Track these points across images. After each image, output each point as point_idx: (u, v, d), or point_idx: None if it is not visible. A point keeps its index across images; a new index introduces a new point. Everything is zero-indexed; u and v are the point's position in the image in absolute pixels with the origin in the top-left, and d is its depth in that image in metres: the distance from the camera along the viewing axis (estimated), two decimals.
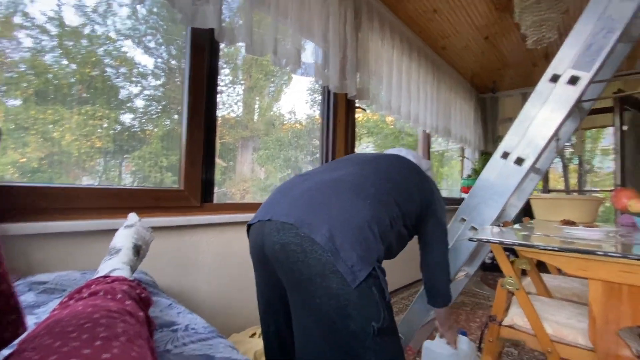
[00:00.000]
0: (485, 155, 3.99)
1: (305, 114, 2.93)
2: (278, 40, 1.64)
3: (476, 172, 3.84)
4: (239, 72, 2.41)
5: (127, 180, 1.53)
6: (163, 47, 1.61)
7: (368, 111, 3.24)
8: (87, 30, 1.32)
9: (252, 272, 0.89)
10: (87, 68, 1.33)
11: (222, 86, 2.22)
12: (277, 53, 1.61)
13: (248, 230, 0.88)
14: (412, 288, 2.92)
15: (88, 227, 1.05)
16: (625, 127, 3.23)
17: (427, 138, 3.56)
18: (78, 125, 1.30)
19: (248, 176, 2.46)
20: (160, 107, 1.62)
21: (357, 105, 2.46)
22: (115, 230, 0.88)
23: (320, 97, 2.38)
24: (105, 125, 1.39)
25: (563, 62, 0.98)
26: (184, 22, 1.26)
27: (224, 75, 2.28)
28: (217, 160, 2.18)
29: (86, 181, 1.34)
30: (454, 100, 3.62)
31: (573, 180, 8.96)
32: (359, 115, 2.74)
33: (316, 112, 2.58)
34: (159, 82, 1.61)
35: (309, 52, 2.06)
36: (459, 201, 2.91)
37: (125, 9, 1.42)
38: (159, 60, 1.60)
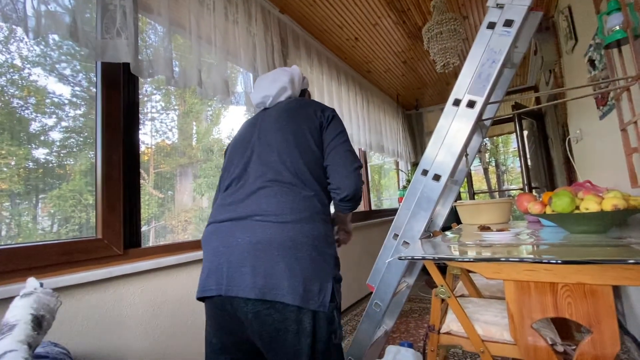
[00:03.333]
0: (415, 167, 4.32)
1: None
2: (203, 70, 1.60)
3: (409, 183, 4.12)
4: (172, 97, 2.29)
5: (45, 224, 1.33)
6: (81, 74, 1.46)
7: None
8: None
9: (191, 313, 0.93)
10: None
11: (154, 113, 2.09)
12: (202, 85, 1.57)
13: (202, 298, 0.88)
14: (364, 303, 2.96)
15: None
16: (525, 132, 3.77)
17: (364, 155, 3.74)
18: None
19: (189, 206, 2.31)
20: (82, 138, 1.46)
21: None
22: (10, 300, 0.75)
23: None
24: (13, 163, 1.20)
25: (461, 88, 1.12)
26: (91, 57, 1.17)
27: (155, 101, 2.15)
28: (153, 192, 2.01)
29: None
30: (383, 118, 3.88)
31: (493, 180, 10.11)
32: None
33: None
34: (79, 112, 1.45)
35: (239, 81, 2.06)
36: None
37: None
38: (77, 88, 1.45)
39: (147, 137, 1.93)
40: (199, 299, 0.87)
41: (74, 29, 1.14)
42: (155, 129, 2.15)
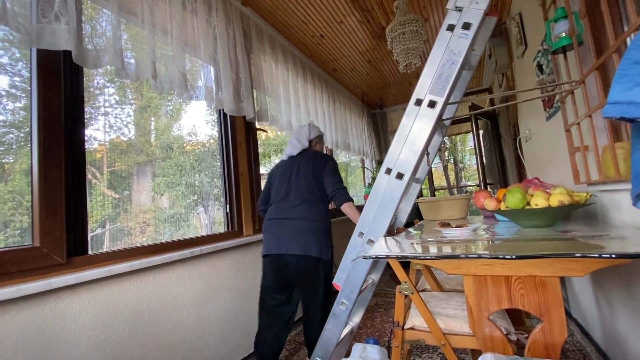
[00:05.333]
0: (380, 165, 4.42)
1: (207, 134, 2.75)
2: (158, 62, 1.50)
3: (374, 181, 4.21)
4: (128, 90, 2.12)
5: None
6: (21, 62, 1.30)
7: (269, 132, 3.24)
8: None
9: (149, 322, 1.26)
10: None
11: (108, 107, 1.93)
12: (157, 77, 1.46)
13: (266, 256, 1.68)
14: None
15: None
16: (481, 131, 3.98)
17: (330, 153, 3.74)
18: None
19: (148, 206, 2.16)
20: (22, 134, 1.31)
21: (257, 126, 2.43)
22: None
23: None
24: None
25: (423, 88, 1.14)
26: (25, 44, 1.04)
27: (108, 95, 1.99)
28: (107, 192, 1.85)
29: None
30: (349, 117, 3.91)
31: (452, 177, 10.65)
32: (266, 133, 2.71)
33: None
34: (19, 105, 1.29)
35: (198, 74, 1.96)
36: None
37: None
38: (17, 78, 1.29)
39: (99, 133, 1.77)
40: (265, 256, 1.67)
41: (3, 11, 1.00)
42: (109, 125, 2.00)
